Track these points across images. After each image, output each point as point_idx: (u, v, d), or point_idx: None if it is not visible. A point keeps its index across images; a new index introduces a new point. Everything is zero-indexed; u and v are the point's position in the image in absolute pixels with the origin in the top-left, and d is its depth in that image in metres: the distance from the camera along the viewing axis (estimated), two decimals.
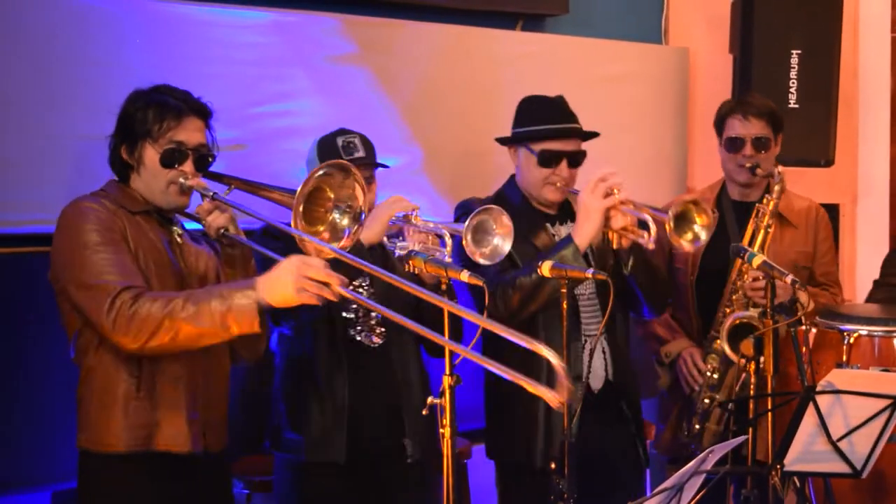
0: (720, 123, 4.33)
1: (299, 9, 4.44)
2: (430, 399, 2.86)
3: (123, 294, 2.87)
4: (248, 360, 3.36)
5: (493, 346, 3.68)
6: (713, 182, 4.48)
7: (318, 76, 4.42)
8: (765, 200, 4.09)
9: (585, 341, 3.77)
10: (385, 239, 3.48)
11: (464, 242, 3.18)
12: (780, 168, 4.12)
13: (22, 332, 3.94)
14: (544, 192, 3.81)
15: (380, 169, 3.76)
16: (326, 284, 2.79)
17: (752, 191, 4.31)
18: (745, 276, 4.06)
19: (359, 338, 3.61)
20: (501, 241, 3.24)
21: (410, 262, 3.18)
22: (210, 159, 3.17)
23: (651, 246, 3.57)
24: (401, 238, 3.46)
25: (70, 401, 3.12)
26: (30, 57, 3.76)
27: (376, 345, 3.63)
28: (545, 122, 3.80)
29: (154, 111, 3.08)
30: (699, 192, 4.55)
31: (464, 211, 3.79)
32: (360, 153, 3.66)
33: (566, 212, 3.90)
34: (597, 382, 3.81)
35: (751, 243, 4.06)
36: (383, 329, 3.63)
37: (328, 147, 3.65)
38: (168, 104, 3.09)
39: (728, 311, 4.09)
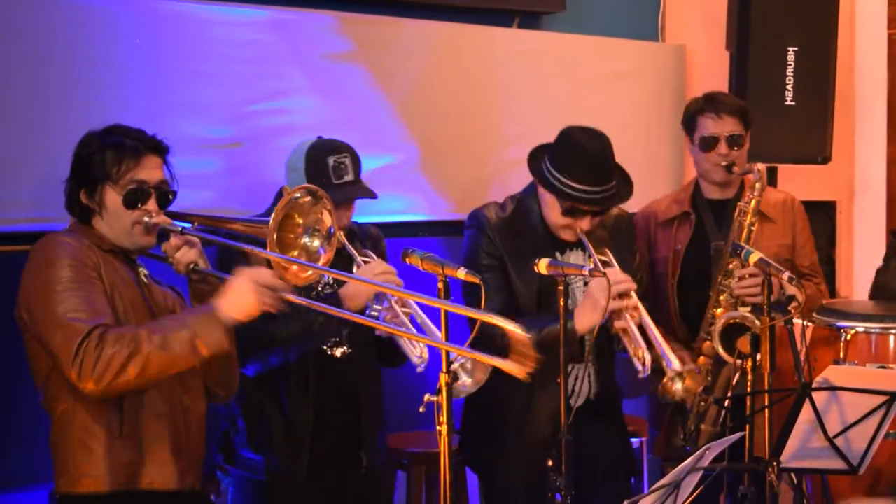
0: (690, 122, 4.30)
1: (296, 6, 4.43)
2: (427, 396, 2.86)
3: (91, 336, 2.82)
4: (223, 399, 3.33)
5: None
6: (685, 183, 4.47)
7: (314, 74, 4.42)
8: (745, 198, 4.07)
9: (573, 368, 3.75)
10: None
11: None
12: (762, 166, 4.10)
13: (17, 332, 3.92)
14: (562, 232, 3.73)
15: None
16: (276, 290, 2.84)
17: (727, 189, 4.30)
18: (733, 276, 4.05)
19: (329, 350, 3.60)
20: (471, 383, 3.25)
21: (407, 259, 3.18)
22: (171, 196, 3.14)
23: (642, 374, 3.49)
24: (377, 302, 3.44)
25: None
26: (26, 55, 3.76)
27: (342, 356, 3.62)
28: (579, 179, 3.59)
29: (111, 153, 3.04)
30: (672, 194, 4.48)
31: (475, 223, 3.76)
32: (349, 176, 3.58)
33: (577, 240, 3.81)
34: (579, 401, 3.82)
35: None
36: (346, 342, 3.62)
37: (317, 164, 3.56)
38: (125, 145, 3.06)
39: (717, 311, 4.08)
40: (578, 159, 3.62)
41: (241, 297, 2.86)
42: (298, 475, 3.54)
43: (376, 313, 3.36)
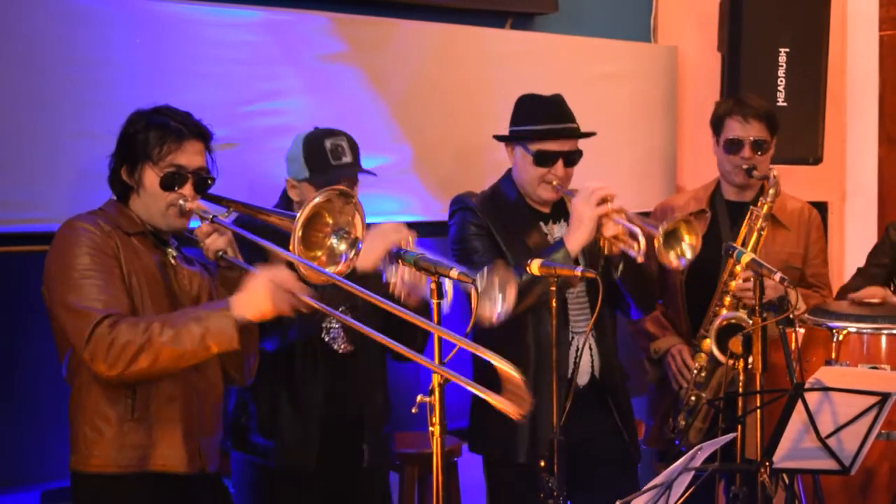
0: (718, 123, 4.32)
1: (290, 7, 4.44)
2: (419, 397, 2.87)
3: (103, 323, 2.87)
4: (240, 382, 3.35)
5: (483, 342, 3.70)
6: (707, 182, 4.49)
7: (308, 75, 4.42)
8: (759, 203, 4.10)
9: (573, 338, 3.79)
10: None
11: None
12: (777, 172, 4.13)
13: (13, 331, 3.93)
14: (539, 190, 3.83)
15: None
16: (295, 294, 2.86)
17: (747, 192, 4.33)
18: (737, 278, 4.08)
19: (329, 339, 3.62)
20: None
21: (399, 261, 3.18)
22: (209, 182, 3.17)
23: (640, 259, 3.58)
24: (393, 270, 3.44)
25: (61, 400, 3.11)
26: (20, 55, 3.75)
27: (347, 351, 3.64)
28: (542, 122, 3.81)
29: (155, 134, 3.08)
30: (692, 191, 4.56)
31: (459, 206, 3.82)
32: (348, 158, 3.64)
33: (560, 211, 3.92)
34: (583, 378, 3.84)
35: (743, 245, 4.07)
36: (352, 338, 3.64)
37: (315, 149, 3.61)
38: (169, 127, 3.09)
39: (718, 310, 4.11)
40: (536, 106, 3.86)
41: (256, 298, 2.90)
42: (307, 464, 3.57)
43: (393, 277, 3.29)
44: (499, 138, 3.97)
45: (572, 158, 3.83)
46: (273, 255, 2.97)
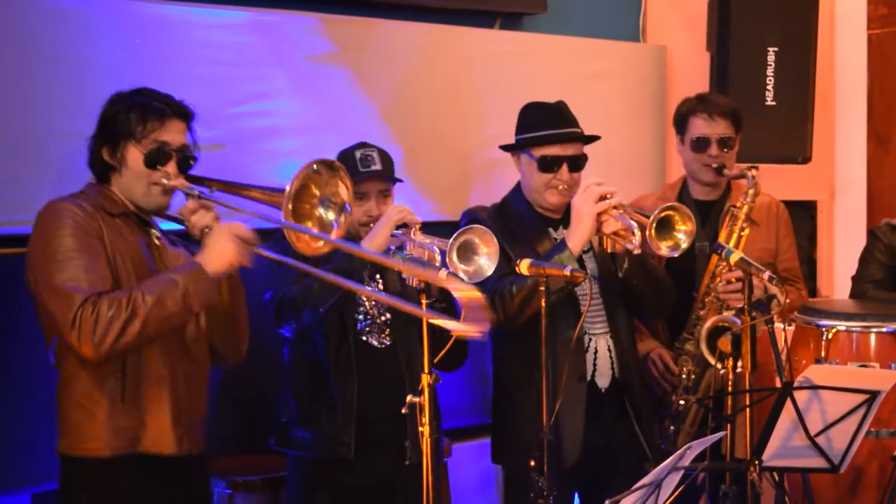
0: (682, 122, 4.32)
1: (278, 8, 4.43)
2: (409, 398, 2.87)
3: (87, 302, 2.87)
4: (231, 361, 3.36)
5: (501, 348, 3.87)
6: (673, 181, 4.49)
7: (297, 76, 4.42)
8: (739, 204, 4.09)
9: (590, 340, 3.80)
10: (391, 248, 3.51)
11: (448, 259, 3.21)
12: (756, 172, 4.12)
13: (2, 334, 3.92)
14: (547, 195, 3.82)
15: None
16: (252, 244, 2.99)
17: (714, 190, 4.32)
18: (719, 278, 4.07)
19: (367, 338, 3.67)
20: (487, 262, 3.28)
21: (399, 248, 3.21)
22: (192, 161, 3.17)
23: (637, 250, 3.58)
24: (404, 251, 3.48)
25: (50, 402, 3.10)
26: (6, 57, 3.75)
27: (384, 346, 3.70)
28: (544, 128, 3.81)
29: (137, 113, 3.08)
30: (660, 190, 4.54)
31: (469, 219, 3.83)
32: (377, 166, 3.70)
33: (570, 215, 3.89)
34: (604, 381, 3.82)
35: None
36: (389, 331, 3.70)
37: (346, 160, 3.64)
38: (151, 106, 3.09)
39: (702, 313, 4.10)
40: (539, 113, 3.87)
41: (221, 249, 2.97)
42: (346, 451, 3.62)
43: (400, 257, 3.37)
44: (504, 148, 3.95)
45: (577, 163, 3.82)
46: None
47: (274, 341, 3.76)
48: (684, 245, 3.59)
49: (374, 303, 3.68)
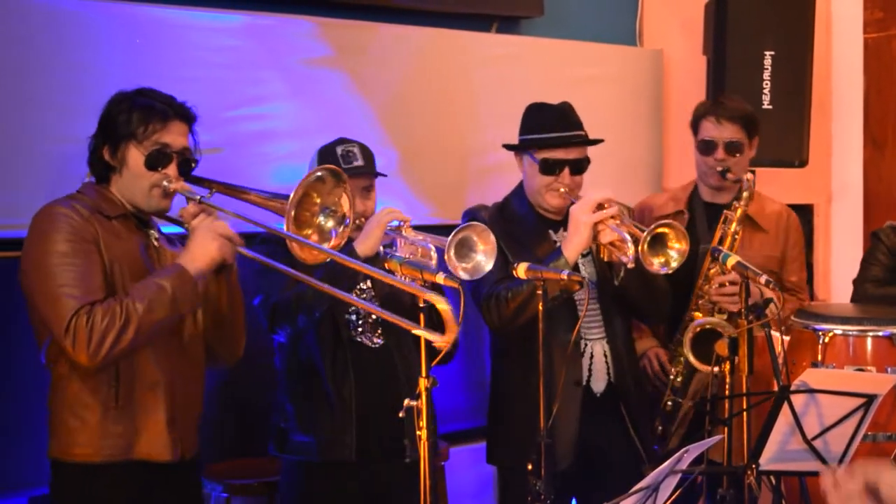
0: (695, 124, 4.34)
1: (274, 12, 4.43)
2: (406, 401, 2.87)
3: (80, 312, 2.86)
4: (227, 363, 3.35)
5: (498, 351, 3.90)
6: (686, 182, 4.50)
7: (293, 79, 4.42)
8: (733, 206, 4.10)
9: (586, 345, 3.81)
10: (381, 248, 3.51)
11: (446, 257, 3.21)
12: (750, 175, 4.12)
13: None
14: (547, 197, 3.83)
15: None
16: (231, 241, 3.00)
17: (723, 193, 4.32)
18: (712, 281, 4.07)
19: (360, 339, 3.68)
20: (484, 259, 3.27)
21: (386, 264, 3.19)
22: (193, 164, 3.16)
23: (631, 264, 3.57)
24: (394, 249, 3.48)
25: (46, 406, 3.10)
26: (4, 60, 3.75)
27: (377, 345, 3.70)
28: (548, 130, 3.82)
29: (139, 114, 3.07)
30: (671, 191, 4.56)
31: (470, 218, 3.83)
32: (359, 162, 3.70)
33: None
34: (599, 385, 3.84)
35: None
36: (380, 330, 3.70)
37: (328, 156, 3.68)
38: (154, 107, 3.08)
39: (696, 315, 4.11)
40: (543, 115, 3.86)
41: (202, 247, 2.99)
42: (347, 454, 3.62)
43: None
44: (508, 147, 3.96)
45: (579, 166, 3.83)
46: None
47: (268, 345, 3.76)
48: (675, 264, 3.59)
49: (363, 300, 3.67)
